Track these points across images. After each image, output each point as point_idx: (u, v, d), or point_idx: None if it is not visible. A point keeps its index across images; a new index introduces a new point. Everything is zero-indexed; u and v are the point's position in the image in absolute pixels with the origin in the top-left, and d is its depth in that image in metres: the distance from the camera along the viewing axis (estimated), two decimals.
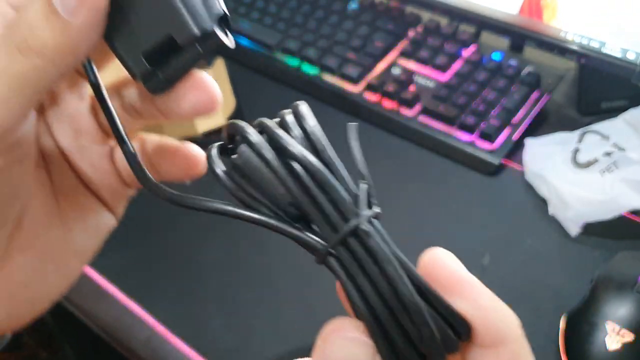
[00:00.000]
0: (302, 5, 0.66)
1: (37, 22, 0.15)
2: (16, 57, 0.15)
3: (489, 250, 0.46)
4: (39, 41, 0.15)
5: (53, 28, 0.15)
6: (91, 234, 0.22)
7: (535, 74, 0.57)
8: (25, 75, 0.15)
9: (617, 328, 0.38)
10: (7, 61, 0.15)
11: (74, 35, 0.15)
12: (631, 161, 0.46)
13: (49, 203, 0.21)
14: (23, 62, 0.15)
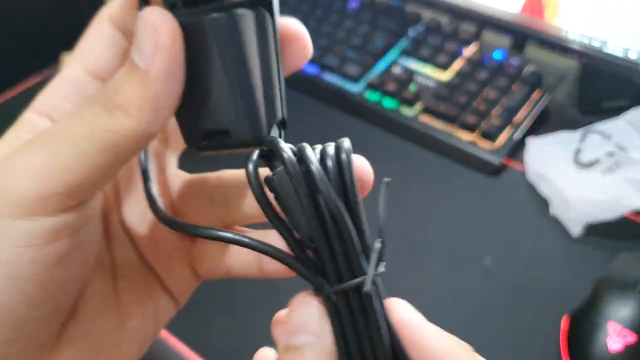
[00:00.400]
0: (302, 4, 0.66)
1: (120, 80, 0.16)
2: (103, 116, 0.16)
3: (491, 250, 0.46)
4: (123, 97, 0.16)
5: (133, 81, 0.16)
6: (149, 321, 0.21)
7: (537, 73, 0.56)
8: (112, 135, 0.16)
9: (619, 328, 0.37)
10: (95, 121, 0.16)
11: (153, 84, 0.16)
12: (633, 161, 0.46)
13: (107, 287, 0.20)
14: (109, 121, 0.16)
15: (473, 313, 0.42)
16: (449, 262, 0.46)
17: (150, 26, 0.16)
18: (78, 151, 0.16)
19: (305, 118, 0.59)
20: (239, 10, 0.17)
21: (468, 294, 0.44)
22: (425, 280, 0.44)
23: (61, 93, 0.19)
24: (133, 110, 0.16)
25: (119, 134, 0.16)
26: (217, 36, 0.17)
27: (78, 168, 0.16)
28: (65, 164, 0.16)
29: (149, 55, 0.15)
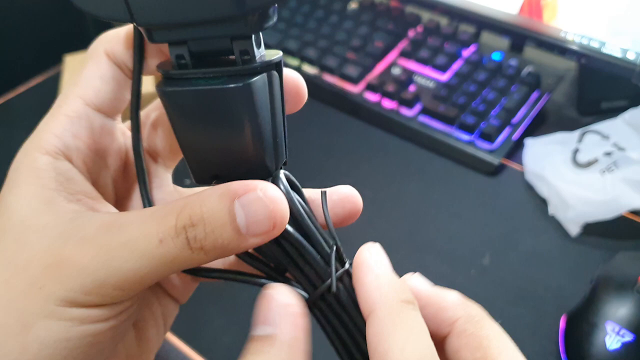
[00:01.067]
0: (302, 5, 0.66)
1: (219, 224, 0.17)
2: (182, 248, 0.17)
3: (489, 250, 0.46)
4: (213, 244, 0.17)
5: (233, 240, 0.17)
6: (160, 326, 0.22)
7: (535, 74, 0.57)
8: (178, 263, 0.17)
9: (617, 328, 0.38)
10: (170, 248, 0.17)
11: (246, 247, 0.17)
12: (631, 161, 0.46)
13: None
14: (184, 253, 0.17)
15: None
16: (448, 262, 0.46)
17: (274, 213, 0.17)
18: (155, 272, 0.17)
19: (306, 119, 0.59)
20: (257, 78, 0.18)
21: (467, 294, 0.43)
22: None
23: (70, 132, 0.19)
24: (215, 254, 0.17)
25: (192, 264, 0.17)
26: (236, 102, 0.18)
27: (149, 278, 0.17)
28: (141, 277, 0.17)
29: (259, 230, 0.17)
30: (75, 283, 0.17)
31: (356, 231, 0.49)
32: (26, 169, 0.19)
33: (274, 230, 0.17)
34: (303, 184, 0.23)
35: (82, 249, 0.17)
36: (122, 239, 0.17)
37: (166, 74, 0.19)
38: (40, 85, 0.64)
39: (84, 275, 0.17)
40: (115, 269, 0.17)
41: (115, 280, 0.17)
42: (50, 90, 0.58)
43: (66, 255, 0.17)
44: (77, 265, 0.17)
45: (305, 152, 0.55)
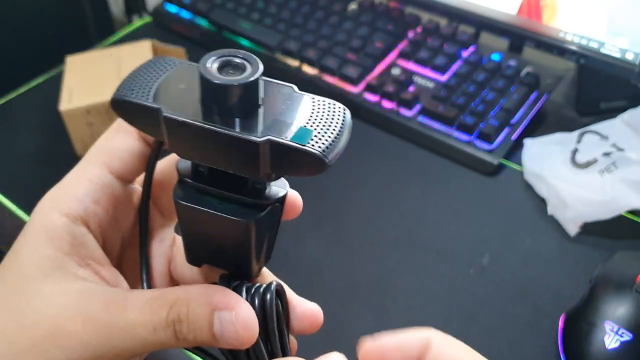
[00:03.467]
0: (302, 6, 0.67)
1: (199, 329, 0.19)
2: (170, 337, 0.19)
3: (488, 250, 0.46)
4: (194, 339, 0.19)
5: (209, 341, 0.19)
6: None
7: (534, 74, 0.57)
8: (166, 346, 0.20)
9: (616, 327, 0.38)
10: (160, 337, 0.19)
11: (222, 347, 0.20)
12: (630, 161, 0.46)
13: None
14: (171, 341, 0.19)
15: (471, 312, 0.43)
16: (447, 262, 0.46)
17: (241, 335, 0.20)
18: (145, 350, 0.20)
19: None
20: (263, 214, 0.20)
21: (466, 293, 0.44)
22: (424, 280, 0.45)
23: (91, 197, 0.21)
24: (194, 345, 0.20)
25: (176, 347, 0.20)
26: (241, 230, 0.20)
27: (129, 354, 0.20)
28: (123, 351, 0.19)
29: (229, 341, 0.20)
30: (76, 354, 0.19)
31: (356, 231, 0.49)
32: (43, 228, 0.20)
33: (242, 345, 0.20)
34: (303, 184, 0.23)
35: (86, 326, 0.19)
36: (121, 323, 0.19)
37: (183, 179, 0.21)
38: (41, 86, 0.65)
39: (85, 349, 0.19)
40: (112, 347, 0.19)
41: (111, 356, 0.19)
42: (51, 90, 0.58)
43: (71, 329, 0.19)
44: (80, 340, 0.19)
45: None
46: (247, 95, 0.19)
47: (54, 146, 0.57)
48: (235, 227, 0.20)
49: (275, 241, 0.23)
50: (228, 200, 0.20)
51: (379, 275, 0.45)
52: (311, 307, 0.24)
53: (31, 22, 0.84)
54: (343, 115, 0.21)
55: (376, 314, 0.43)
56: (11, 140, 0.59)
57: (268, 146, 0.18)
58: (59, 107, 0.52)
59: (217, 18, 0.68)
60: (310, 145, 0.18)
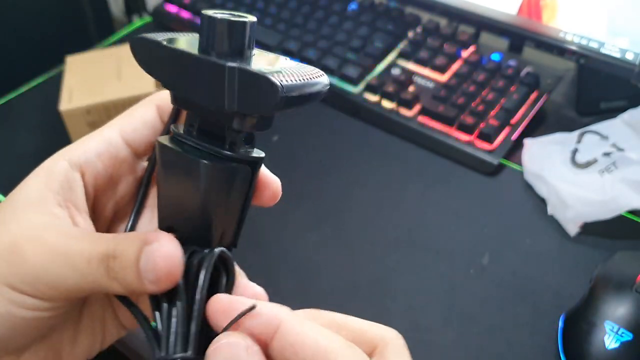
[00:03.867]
0: (302, 6, 0.67)
1: (127, 269, 0.20)
2: (102, 274, 0.20)
3: (488, 250, 0.46)
4: (124, 280, 0.20)
5: (135, 280, 0.20)
6: (97, 339, 0.25)
7: (534, 74, 0.57)
8: (100, 285, 0.20)
9: (616, 327, 0.38)
10: (93, 271, 0.20)
11: (146, 289, 0.20)
12: (630, 161, 0.46)
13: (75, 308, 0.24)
14: (104, 279, 0.20)
15: (471, 312, 0.43)
16: (447, 262, 0.46)
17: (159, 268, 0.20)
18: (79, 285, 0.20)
19: (305, 119, 0.59)
20: (225, 166, 0.22)
21: (466, 293, 0.44)
22: (424, 279, 0.45)
23: (96, 151, 0.23)
24: (124, 288, 0.20)
25: (109, 289, 0.21)
26: (201, 175, 0.21)
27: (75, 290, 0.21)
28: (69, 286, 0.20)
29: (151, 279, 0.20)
30: (19, 272, 0.20)
31: (356, 231, 0.49)
32: (44, 168, 0.23)
33: (160, 282, 0.20)
34: (303, 184, 0.23)
35: (36, 247, 0.20)
36: (63, 248, 0.20)
37: (173, 133, 0.23)
38: (41, 86, 0.65)
39: (26, 268, 0.20)
40: (49, 271, 0.20)
41: (48, 281, 0.20)
42: (51, 90, 0.58)
43: (24, 248, 0.20)
44: (26, 259, 0.20)
45: (305, 153, 0.55)
46: (233, 34, 0.20)
47: (54, 146, 0.56)
48: (197, 173, 0.21)
49: (244, 217, 0.23)
50: (201, 151, 0.22)
51: (379, 275, 0.45)
52: (256, 291, 0.24)
53: (31, 22, 0.84)
54: (318, 75, 0.22)
55: (376, 314, 0.43)
56: (11, 140, 0.59)
57: (235, 72, 0.19)
58: (59, 107, 0.52)
59: None
60: (271, 74, 0.19)
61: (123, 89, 0.53)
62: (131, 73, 0.55)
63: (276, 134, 0.57)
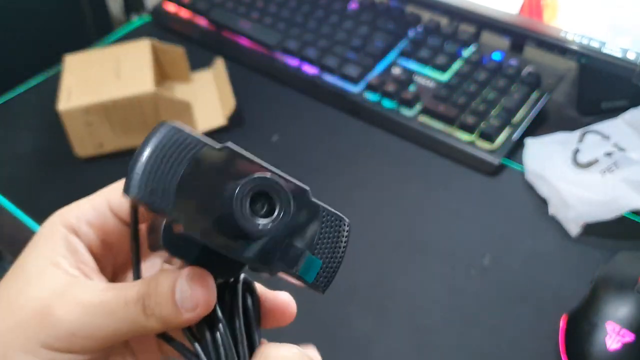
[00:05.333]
0: (302, 5, 0.66)
1: (165, 304, 0.21)
2: (140, 312, 0.21)
3: (490, 250, 0.46)
4: (162, 315, 0.21)
5: (173, 312, 0.21)
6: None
7: (536, 73, 0.57)
8: (137, 326, 0.21)
9: (618, 328, 0.38)
10: (131, 312, 0.21)
11: (184, 319, 0.21)
12: (632, 161, 0.46)
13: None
14: (141, 317, 0.21)
15: (472, 312, 0.42)
16: (448, 262, 0.46)
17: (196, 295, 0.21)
18: (117, 330, 0.21)
19: (305, 119, 0.59)
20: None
21: (467, 294, 0.44)
22: (424, 280, 0.45)
23: (86, 220, 0.24)
24: (162, 324, 0.21)
25: (147, 329, 0.21)
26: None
27: (113, 336, 0.21)
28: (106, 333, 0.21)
29: (188, 308, 0.21)
30: (52, 330, 0.21)
31: (356, 231, 0.49)
32: (46, 234, 0.24)
33: (199, 308, 0.21)
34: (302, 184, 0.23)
35: (65, 305, 0.21)
36: (97, 300, 0.21)
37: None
38: (40, 86, 0.64)
39: (59, 325, 0.21)
40: (86, 324, 0.21)
41: (85, 334, 0.21)
42: (50, 90, 0.58)
43: (52, 307, 0.21)
44: (58, 318, 0.21)
45: (305, 152, 0.55)
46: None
47: (53, 146, 0.56)
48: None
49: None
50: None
51: (379, 276, 0.45)
52: (283, 298, 0.25)
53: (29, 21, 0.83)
54: (344, 237, 0.23)
55: (376, 314, 0.42)
56: (10, 140, 0.59)
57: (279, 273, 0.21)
58: (57, 106, 0.52)
59: (216, 17, 0.68)
60: (316, 282, 0.21)
61: (122, 89, 0.53)
62: (130, 72, 0.54)
63: (276, 134, 0.57)
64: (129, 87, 0.53)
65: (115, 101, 0.52)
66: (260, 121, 0.58)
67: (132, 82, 0.53)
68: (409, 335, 0.41)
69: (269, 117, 0.59)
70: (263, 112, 0.60)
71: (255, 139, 0.56)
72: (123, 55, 0.57)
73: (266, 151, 0.55)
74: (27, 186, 0.53)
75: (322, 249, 0.22)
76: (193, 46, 0.66)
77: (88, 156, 0.55)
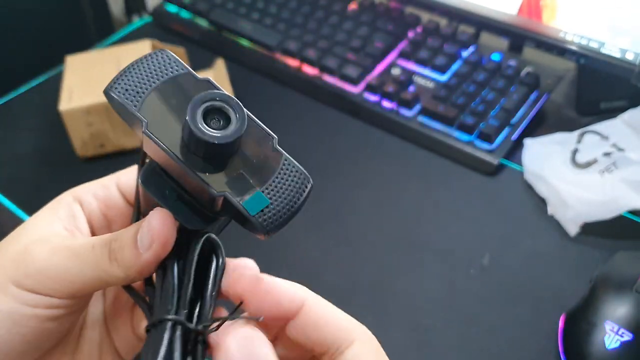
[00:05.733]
0: (302, 6, 0.67)
1: (126, 246, 0.22)
2: (105, 259, 0.22)
3: (489, 250, 0.46)
4: (121, 256, 0.22)
5: (131, 251, 0.22)
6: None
7: (535, 74, 0.57)
8: (105, 275, 0.22)
9: (616, 327, 0.38)
10: (99, 260, 0.22)
11: (142, 262, 0.22)
12: (630, 161, 0.46)
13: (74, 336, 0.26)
14: (108, 265, 0.22)
15: (471, 312, 0.43)
16: (447, 262, 0.46)
17: (153, 230, 0.22)
18: (82, 273, 0.22)
19: (305, 119, 0.59)
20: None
21: (466, 293, 0.44)
22: (424, 279, 0.45)
23: (93, 191, 0.26)
24: (124, 268, 0.22)
25: (110, 276, 0.22)
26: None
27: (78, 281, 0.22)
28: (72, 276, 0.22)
29: (146, 246, 0.22)
30: (23, 268, 0.22)
31: (356, 231, 0.49)
32: (55, 202, 0.26)
33: (154, 245, 0.22)
34: None
35: (40, 246, 0.23)
36: (69, 244, 0.23)
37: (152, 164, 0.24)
38: (41, 86, 0.65)
39: (30, 263, 0.22)
40: (53, 263, 0.22)
41: (51, 274, 0.22)
42: (51, 90, 0.58)
43: (31, 249, 0.23)
44: (33, 257, 0.22)
45: (305, 152, 0.55)
46: (226, 149, 0.21)
47: (54, 146, 0.57)
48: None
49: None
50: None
51: (379, 276, 0.45)
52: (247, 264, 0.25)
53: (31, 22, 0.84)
54: (304, 193, 0.22)
55: (376, 314, 0.43)
56: (11, 140, 0.59)
57: (222, 199, 0.21)
58: (58, 107, 0.52)
59: (217, 18, 0.68)
60: (257, 216, 0.21)
61: None
62: None
63: (276, 134, 0.57)
64: None
65: None
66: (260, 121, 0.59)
67: None
68: (408, 334, 0.42)
69: (269, 117, 0.59)
70: (263, 113, 0.59)
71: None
72: (124, 55, 0.57)
73: None
74: (28, 186, 0.53)
75: (274, 193, 0.21)
76: (194, 47, 0.67)
77: (89, 156, 0.55)
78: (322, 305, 0.22)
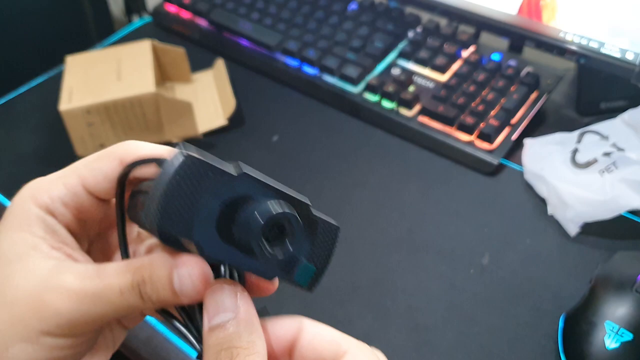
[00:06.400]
0: (302, 6, 0.67)
1: (161, 287, 0.21)
2: (137, 299, 0.21)
3: (489, 250, 0.46)
4: (158, 298, 0.22)
5: (170, 298, 0.21)
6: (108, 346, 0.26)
7: (535, 74, 0.57)
8: (133, 309, 0.22)
9: (616, 327, 0.38)
10: (127, 299, 0.21)
11: (182, 303, 0.22)
12: (630, 161, 0.46)
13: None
14: (138, 302, 0.22)
15: (471, 312, 0.43)
16: (447, 262, 0.46)
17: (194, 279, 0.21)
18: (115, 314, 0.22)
19: (305, 119, 0.59)
20: None
21: (466, 293, 0.44)
22: (424, 279, 0.45)
23: (61, 200, 0.24)
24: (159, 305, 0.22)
25: (143, 310, 0.22)
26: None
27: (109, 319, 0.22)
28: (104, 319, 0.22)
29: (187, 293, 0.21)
30: (52, 322, 0.21)
31: (356, 231, 0.49)
32: (20, 215, 0.23)
33: (198, 296, 0.21)
34: (303, 184, 0.23)
35: (60, 297, 0.21)
36: (92, 289, 0.21)
37: None
38: (41, 86, 0.65)
39: (60, 317, 0.21)
40: (84, 312, 0.21)
41: (84, 321, 0.21)
42: (51, 90, 0.58)
43: (47, 301, 0.21)
44: (55, 310, 0.21)
45: (305, 152, 0.55)
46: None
47: (54, 146, 0.57)
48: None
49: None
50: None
51: (379, 275, 0.45)
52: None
53: (31, 22, 0.84)
54: (336, 242, 0.24)
55: (376, 314, 0.43)
56: (11, 140, 0.59)
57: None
58: (58, 107, 0.52)
59: (217, 18, 0.68)
60: (310, 285, 0.23)
61: (123, 89, 0.53)
62: (131, 73, 0.55)
63: (276, 134, 0.57)
64: (130, 87, 0.53)
65: (116, 102, 0.52)
66: (260, 121, 0.59)
67: (133, 82, 0.54)
68: (408, 334, 0.42)
69: (269, 117, 0.59)
70: (263, 113, 0.60)
71: (256, 139, 0.57)
72: (124, 56, 0.57)
73: (266, 151, 0.55)
74: None
75: (316, 256, 0.23)
76: (194, 47, 0.67)
77: None
78: (315, 325, 0.23)
